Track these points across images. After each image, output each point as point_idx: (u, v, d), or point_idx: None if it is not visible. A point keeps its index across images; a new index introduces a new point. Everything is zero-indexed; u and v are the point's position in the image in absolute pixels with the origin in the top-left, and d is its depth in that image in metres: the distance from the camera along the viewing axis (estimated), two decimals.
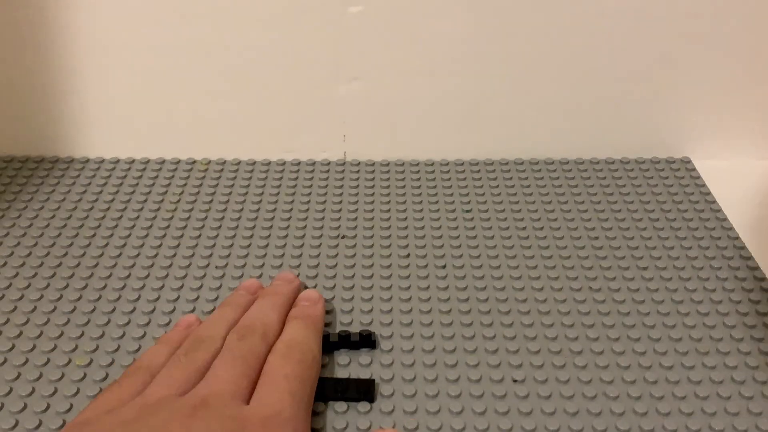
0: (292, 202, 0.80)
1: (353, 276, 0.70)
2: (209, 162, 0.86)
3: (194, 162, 0.86)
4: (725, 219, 0.77)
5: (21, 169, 0.84)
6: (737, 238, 0.74)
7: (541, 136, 0.86)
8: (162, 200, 0.80)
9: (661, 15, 0.80)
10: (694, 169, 0.85)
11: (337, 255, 0.73)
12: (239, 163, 0.86)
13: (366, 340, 0.63)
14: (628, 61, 0.82)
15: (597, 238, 0.75)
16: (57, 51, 0.81)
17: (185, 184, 0.82)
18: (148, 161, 0.86)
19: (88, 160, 0.86)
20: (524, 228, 0.76)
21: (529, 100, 0.84)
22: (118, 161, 0.86)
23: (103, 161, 0.86)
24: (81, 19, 0.80)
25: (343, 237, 0.75)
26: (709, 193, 0.81)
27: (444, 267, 0.71)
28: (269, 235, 0.75)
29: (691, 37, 0.81)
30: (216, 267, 0.71)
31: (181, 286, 0.69)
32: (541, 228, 0.76)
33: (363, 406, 0.58)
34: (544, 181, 0.83)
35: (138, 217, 0.77)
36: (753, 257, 0.72)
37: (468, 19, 0.80)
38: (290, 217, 0.78)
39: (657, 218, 0.77)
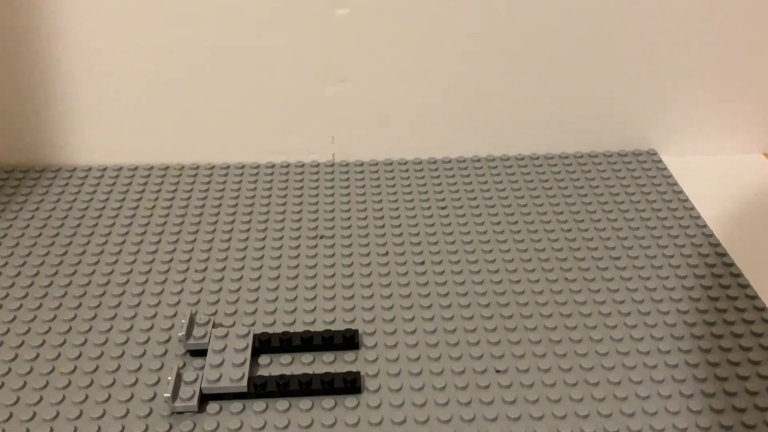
0: (285, 204, 0.80)
1: (334, 275, 0.71)
2: (182, 167, 0.86)
3: (167, 168, 0.86)
4: (693, 208, 0.79)
5: (8, 179, 0.83)
6: (705, 226, 0.77)
7: (516, 133, 0.88)
8: (154, 206, 0.80)
9: (635, 16, 0.82)
10: (660, 161, 0.87)
11: (333, 255, 0.74)
12: (228, 167, 0.86)
13: (349, 342, 0.63)
14: (597, 58, 0.84)
15: (570, 230, 0.76)
16: (43, 57, 0.81)
17: (175, 189, 0.82)
18: (136, 168, 0.86)
19: (75, 168, 0.85)
20: (499, 223, 0.77)
21: (507, 97, 0.86)
22: (105, 168, 0.85)
23: (90, 169, 0.85)
24: (67, 26, 0.80)
25: (321, 237, 0.76)
26: (676, 184, 0.83)
27: (441, 263, 0.72)
28: (264, 237, 0.76)
29: (661, 36, 0.83)
30: (216, 270, 0.71)
31: (182, 290, 0.69)
32: (515, 222, 0.77)
33: (350, 401, 0.59)
34: (516, 177, 0.84)
35: (131, 224, 0.77)
36: (721, 243, 0.74)
37: (453, 21, 0.82)
38: (284, 219, 0.78)
39: (627, 209, 0.79)
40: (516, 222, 0.77)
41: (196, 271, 0.71)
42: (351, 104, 0.86)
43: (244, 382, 0.58)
